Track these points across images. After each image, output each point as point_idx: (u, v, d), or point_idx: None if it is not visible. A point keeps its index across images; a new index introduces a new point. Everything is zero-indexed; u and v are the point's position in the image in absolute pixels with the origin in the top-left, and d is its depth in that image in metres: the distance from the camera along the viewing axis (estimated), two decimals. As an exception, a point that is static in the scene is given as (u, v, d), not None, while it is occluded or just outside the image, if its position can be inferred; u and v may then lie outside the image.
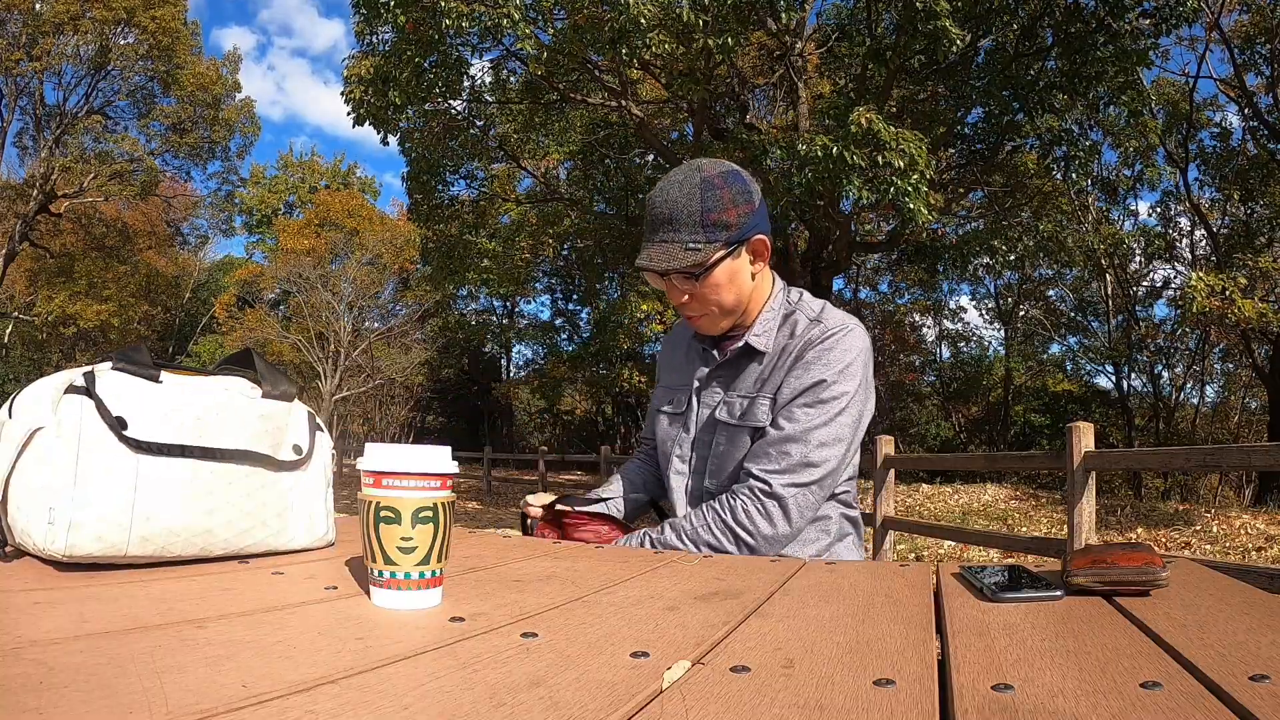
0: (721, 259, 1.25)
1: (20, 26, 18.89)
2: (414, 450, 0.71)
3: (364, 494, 0.71)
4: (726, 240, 1.25)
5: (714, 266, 1.25)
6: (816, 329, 1.29)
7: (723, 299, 1.28)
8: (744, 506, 1.23)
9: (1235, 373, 20.93)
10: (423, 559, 0.70)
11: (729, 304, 1.29)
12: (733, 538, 1.22)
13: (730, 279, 1.28)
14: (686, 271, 1.25)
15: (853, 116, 7.23)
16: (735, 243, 1.26)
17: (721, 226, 1.24)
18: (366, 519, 0.70)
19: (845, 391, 1.25)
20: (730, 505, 1.24)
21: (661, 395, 1.49)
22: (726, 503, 1.24)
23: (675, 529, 1.27)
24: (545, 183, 15.50)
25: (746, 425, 1.29)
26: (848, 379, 1.26)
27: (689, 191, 1.25)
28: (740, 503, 1.23)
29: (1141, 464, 8.13)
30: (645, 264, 1.27)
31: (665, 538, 1.26)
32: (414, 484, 0.70)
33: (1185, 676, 0.51)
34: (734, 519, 1.22)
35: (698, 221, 1.24)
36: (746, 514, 1.22)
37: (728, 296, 1.28)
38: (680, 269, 1.24)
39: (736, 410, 1.31)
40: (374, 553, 0.70)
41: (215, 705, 0.41)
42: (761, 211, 1.29)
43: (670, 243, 1.25)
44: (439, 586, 0.72)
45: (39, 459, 0.76)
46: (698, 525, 1.25)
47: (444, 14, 7.45)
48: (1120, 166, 17.40)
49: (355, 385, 26.35)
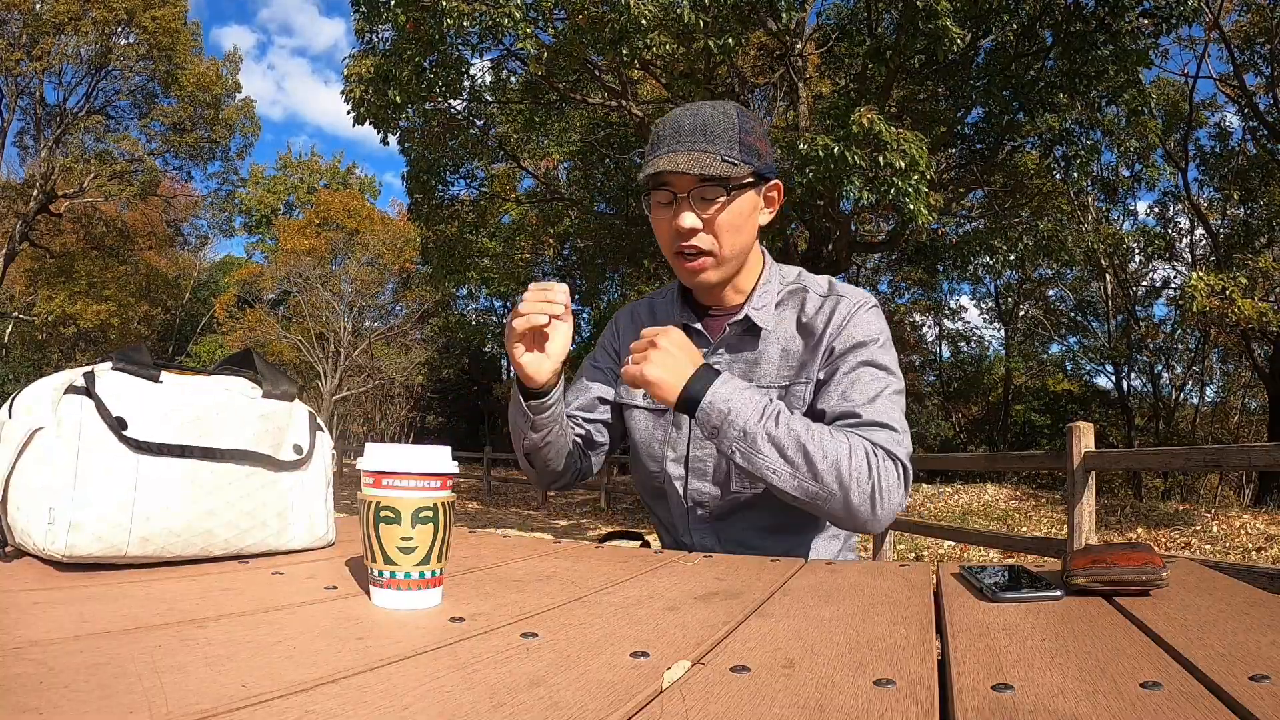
0: (750, 185, 1.15)
1: (20, 27, 18.89)
2: (414, 450, 0.71)
3: (364, 494, 0.71)
4: (755, 170, 1.15)
5: (744, 188, 1.15)
6: (843, 304, 1.19)
7: (733, 240, 1.16)
8: (872, 454, 1.04)
9: (1235, 373, 20.94)
10: (423, 559, 0.70)
11: (735, 249, 1.17)
12: (865, 477, 1.02)
13: (746, 218, 1.17)
14: (720, 182, 1.12)
15: (854, 116, 7.22)
16: (760, 178, 1.17)
17: (754, 153, 1.14)
18: (366, 519, 0.70)
19: (894, 367, 1.17)
20: (879, 454, 1.04)
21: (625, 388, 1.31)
22: (876, 451, 1.04)
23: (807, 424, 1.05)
24: (545, 183, 15.50)
25: None
26: (890, 352, 1.18)
27: (725, 111, 1.16)
28: (886, 460, 1.04)
29: (1141, 464, 8.12)
30: (671, 167, 1.11)
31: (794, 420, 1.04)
32: (414, 484, 0.70)
33: (1185, 676, 0.51)
34: (880, 466, 1.03)
35: (735, 138, 1.13)
36: (880, 465, 1.03)
37: (737, 240, 1.17)
38: (715, 176, 1.11)
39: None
40: (374, 553, 0.70)
41: (215, 705, 0.41)
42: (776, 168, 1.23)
43: (704, 151, 1.11)
44: (439, 586, 0.72)
45: (39, 459, 0.76)
46: (836, 437, 1.04)
47: (445, 13, 7.44)
48: (1119, 166, 17.41)
49: (355, 385, 26.37)
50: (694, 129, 1.13)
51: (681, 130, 1.14)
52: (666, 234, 1.18)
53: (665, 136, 1.15)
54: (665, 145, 1.14)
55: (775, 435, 1.03)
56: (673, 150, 1.12)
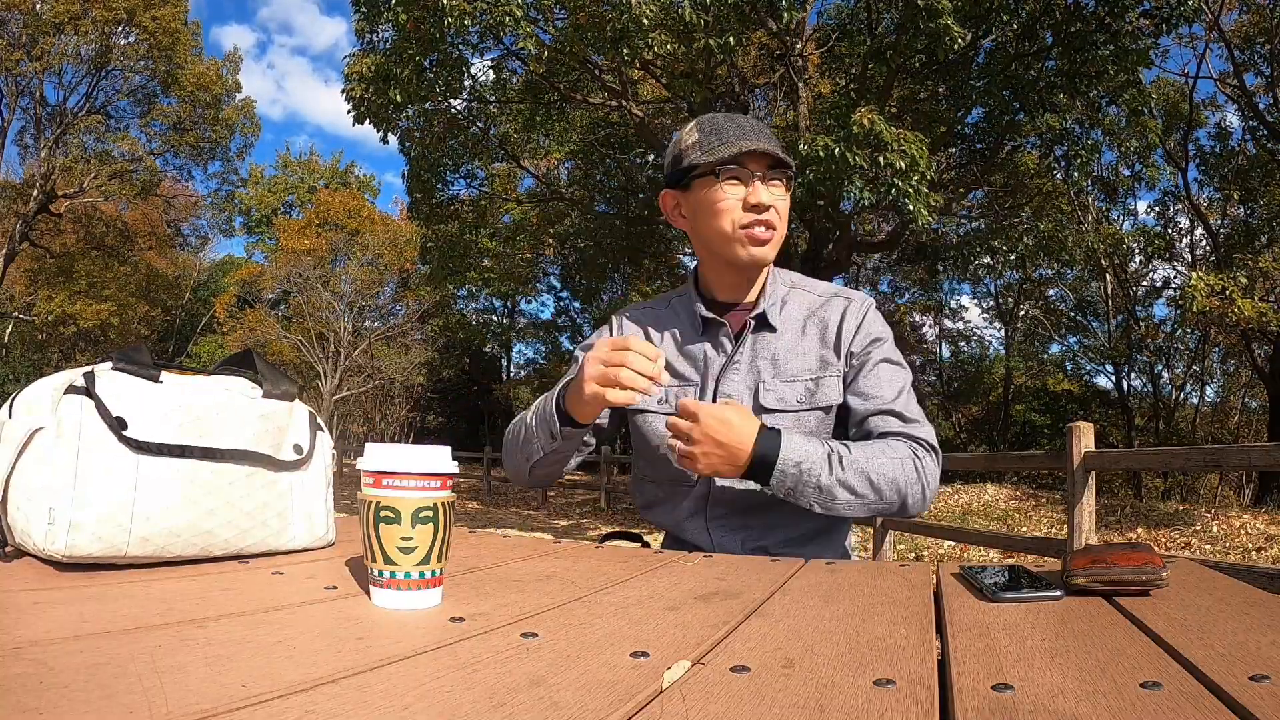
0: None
1: (20, 27, 18.89)
2: (414, 450, 0.71)
3: (364, 494, 0.71)
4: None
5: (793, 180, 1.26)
6: (854, 305, 1.29)
7: (785, 223, 1.26)
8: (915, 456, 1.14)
9: (1235, 373, 20.95)
10: (423, 559, 0.70)
11: (784, 231, 1.27)
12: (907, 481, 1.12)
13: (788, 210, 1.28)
14: (789, 167, 1.23)
15: (855, 117, 7.23)
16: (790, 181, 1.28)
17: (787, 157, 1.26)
18: (366, 519, 0.70)
19: (904, 361, 1.28)
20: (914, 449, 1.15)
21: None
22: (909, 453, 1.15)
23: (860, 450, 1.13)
24: (546, 183, 15.50)
25: (814, 407, 1.24)
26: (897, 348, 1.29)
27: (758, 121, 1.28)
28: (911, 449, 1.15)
29: (1141, 464, 8.13)
30: (755, 147, 1.20)
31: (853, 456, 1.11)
32: (414, 484, 0.70)
33: (1185, 676, 0.51)
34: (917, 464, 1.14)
35: (778, 139, 1.25)
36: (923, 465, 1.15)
37: (785, 224, 1.26)
38: (787, 162, 1.22)
39: (793, 395, 1.23)
40: (374, 553, 0.70)
41: (215, 705, 0.41)
42: None
43: (774, 143, 1.23)
44: (439, 586, 0.72)
45: (39, 459, 0.76)
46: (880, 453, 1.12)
47: (446, 13, 7.44)
48: (1120, 166, 17.42)
49: (355, 385, 26.37)
50: (754, 126, 1.24)
51: (742, 125, 1.23)
52: (733, 212, 1.22)
53: (725, 129, 1.23)
54: (730, 135, 1.22)
55: (846, 480, 1.11)
56: (747, 137, 1.20)
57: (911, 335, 24.76)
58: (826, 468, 1.09)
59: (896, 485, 1.11)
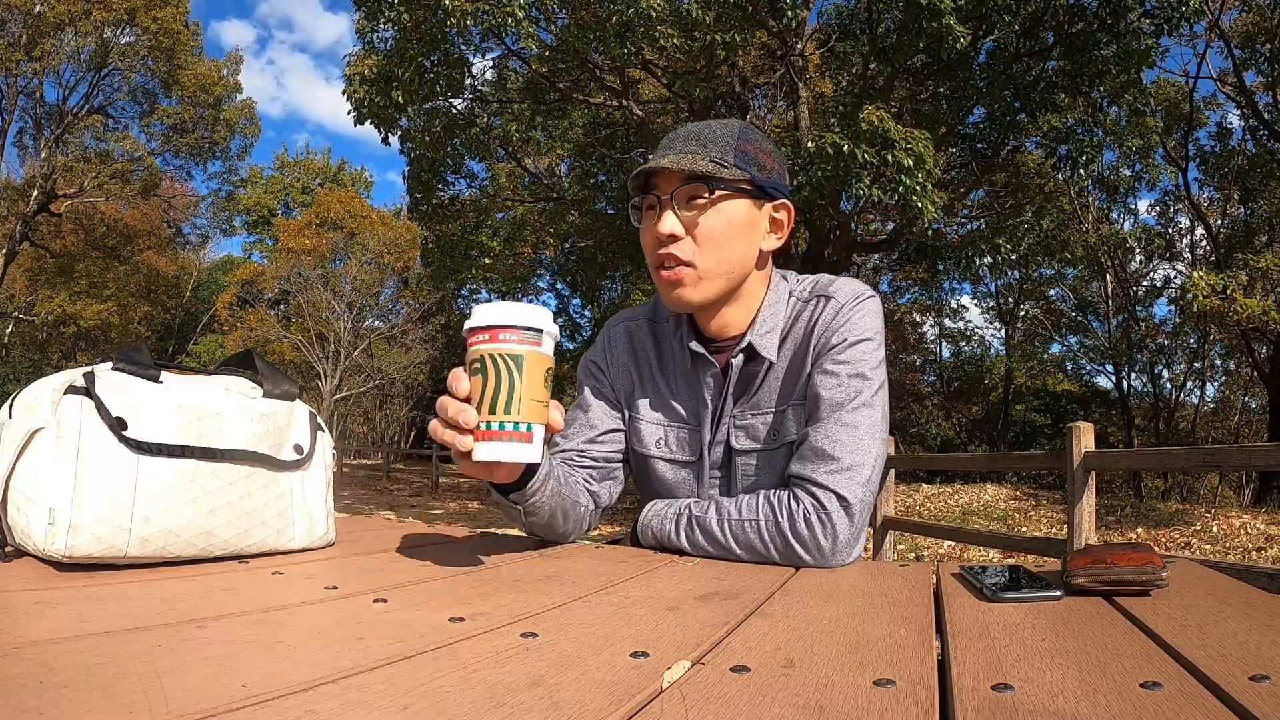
0: (743, 191, 1.06)
1: (20, 27, 18.90)
2: (510, 305, 0.78)
3: (475, 350, 0.78)
4: (754, 180, 1.06)
5: (732, 194, 1.05)
6: (829, 306, 1.09)
7: (716, 253, 1.05)
8: (804, 513, 0.97)
9: (1235, 372, 20.95)
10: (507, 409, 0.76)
11: (719, 264, 1.05)
12: (783, 545, 0.97)
13: (741, 231, 1.06)
14: (703, 179, 1.03)
15: (863, 114, 7.23)
16: (762, 190, 1.08)
17: (754, 163, 1.07)
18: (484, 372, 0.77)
19: (871, 377, 1.05)
20: (790, 510, 0.98)
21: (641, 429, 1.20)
22: (787, 505, 0.99)
23: (719, 512, 1.02)
24: (547, 183, 15.50)
25: (781, 444, 1.09)
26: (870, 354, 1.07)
27: (727, 124, 1.10)
28: (801, 507, 0.98)
29: (1141, 464, 8.12)
30: (654, 167, 1.03)
31: (705, 519, 1.02)
32: (510, 337, 0.77)
33: (1185, 676, 0.51)
34: (791, 527, 0.97)
35: (730, 144, 1.06)
36: (807, 522, 0.97)
37: (721, 253, 1.05)
38: (696, 172, 1.02)
39: (760, 432, 1.11)
40: (496, 404, 0.76)
41: (215, 705, 0.41)
42: (787, 188, 1.15)
43: (692, 153, 1.04)
44: (531, 442, 0.78)
45: (39, 459, 0.76)
46: (745, 518, 1.00)
47: (448, 13, 7.45)
48: (1120, 165, 17.42)
49: (355, 385, 26.37)
50: (689, 136, 1.08)
51: (676, 138, 1.09)
52: (649, 244, 1.09)
53: (660, 146, 1.11)
54: (658, 153, 1.08)
55: (695, 540, 1.03)
56: (664, 153, 1.07)
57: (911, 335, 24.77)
58: (674, 528, 1.05)
59: (756, 551, 0.99)
